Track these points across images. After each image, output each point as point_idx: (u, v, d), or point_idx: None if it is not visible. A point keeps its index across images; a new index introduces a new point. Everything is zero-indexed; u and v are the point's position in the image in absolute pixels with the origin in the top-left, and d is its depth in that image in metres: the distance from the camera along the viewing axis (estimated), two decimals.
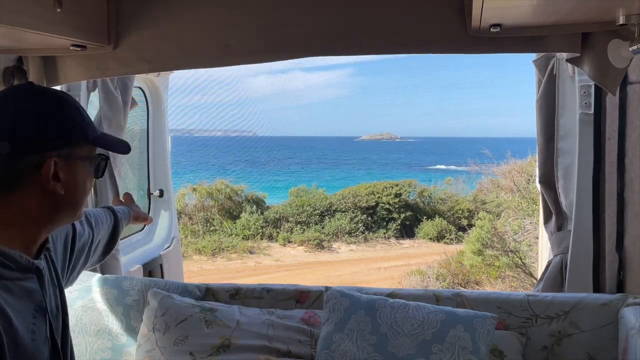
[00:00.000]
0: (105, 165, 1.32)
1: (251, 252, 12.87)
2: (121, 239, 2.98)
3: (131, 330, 2.24)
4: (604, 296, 2.16)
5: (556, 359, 2.12)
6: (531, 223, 7.54)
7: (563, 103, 2.43)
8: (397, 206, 14.54)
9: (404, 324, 1.99)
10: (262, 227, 13.99)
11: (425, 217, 14.34)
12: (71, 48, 1.92)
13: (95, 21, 1.93)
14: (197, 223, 13.89)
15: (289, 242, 13.65)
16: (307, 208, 14.55)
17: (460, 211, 14.23)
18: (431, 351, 1.93)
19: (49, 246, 1.26)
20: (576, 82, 2.32)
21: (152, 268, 3.33)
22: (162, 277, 3.38)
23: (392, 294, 2.23)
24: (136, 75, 2.94)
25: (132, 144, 3.48)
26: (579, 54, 1.86)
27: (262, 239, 13.79)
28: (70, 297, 2.22)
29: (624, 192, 2.23)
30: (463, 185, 15.97)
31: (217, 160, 41.88)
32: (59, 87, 2.27)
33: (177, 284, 2.37)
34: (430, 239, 13.78)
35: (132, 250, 3.27)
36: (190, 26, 1.99)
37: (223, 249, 12.71)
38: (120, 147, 1.33)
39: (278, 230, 14.13)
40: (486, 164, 11.08)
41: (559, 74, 2.41)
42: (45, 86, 2.11)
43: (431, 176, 23.36)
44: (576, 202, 2.36)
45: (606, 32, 1.76)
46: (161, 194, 3.62)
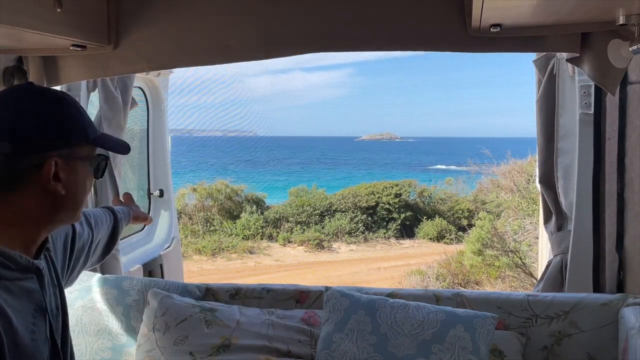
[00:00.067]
0: (105, 166, 1.32)
1: (251, 252, 12.87)
2: (121, 239, 2.98)
3: (131, 330, 2.24)
4: (604, 296, 2.16)
5: (556, 359, 2.12)
6: (531, 223, 7.55)
7: (563, 103, 2.43)
8: (397, 206, 14.54)
9: (404, 324, 1.99)
10: (262, 227, 13.99)
11: (425, 217, 14.34)
12: (71, 48, 1.92)
13: (95, 21, 1.94)
14: (197, 223, 13.89)
15: (289, 242, 13.65)
16: (307, 208, 14.55)
17: (460, 211, 14.22)
18: (431, 351, 1.93)
19: (48, 246, 1.26)
20: (576, 82, 2.32)
21: (152, 268, 3.33)
22: (162, 277, 3.38)
23: (392, 294, 2.23)
24: (136, 75, 2.94)
25: (132, 144, 3.48)
26: (579, 54, 1.87)
27: (262, 239, 13.79)
28: (70, 297, 2.22)
29: (624, 192, 2.23)
30: (463, 185, 15.97)
31: (217, 160, 41.88)
32: (59, 87, 2.27)
33: (177, 284, 2.37)
34: (430, 239, 13.78)
35: (132, 250, 3.27)
36: (190, 24, 1.99)
37: (223, 249, 12.71)
38: (120, 148, 1.33)
39: (278, 230, 14.13)
40: (486, 164, 11.08)
41: (559, 74, 2.41)
42: (46, 86, 2.12)
43: (431, 176, 23.36)
44: (576, 202, 2.36)
45: (606, 32, 1.77)
46: (161, 194, 3.62)
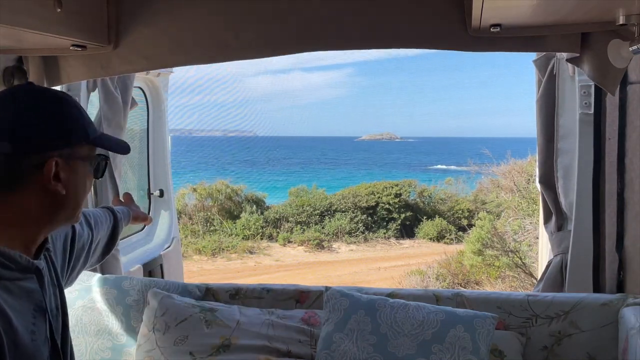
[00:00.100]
0: (105, 166, 1.32)
1: (251, 252, 12.87)
2: (121, 239, 2.98)
3: (131, 330, 2.24)
4: (604, 296, 2.16)
5: (556, 359, 2.12)
6: (531, 223, 7.55)
7: (563, 103, 2.43)
8: (397, 206, 14.54)
9: (404, 324, 1.99)
10: (262, 227, 13.99)
11: (425, 217, 14.34)
12: (71, 48, 1.92)
13: (95, 21, 1.94)
14: (197, 223, 13.90)
15: (289, 242, 13.65)
16: (307, 208, 14.55)
17: (460, 211, 14.22)
18: (431, 351, 1.93)
19: (48, 246, 1.26)
20: (576, 82, 2.32)
21: (152, 268, 3.34)
22: (162, 277, 3.38)
23: (392, 294, 2.23)
24: (136, 75, 2.94)
25: (132, 144, 3.48)
26: (579, 54, 1.87)
27: (262, 239, 13.79)
28: (70, 297, 2.22)
29: (624, 192, 2.23)
30: (463, 185, 15.97)
31: (217, 160, 41.88)
32: (59, 87, 2.27)
33: (177, 284, 2.37)
34: (430, 239, 13.78)
35: (132, 250, 3.27)
36: (189, 23, 2.00)
37: (223, 249, 12.71)
38: (120, 148, 1.33)
39: (278, 230, 14.13)
40: (486, 164, 11.08)
41: (559, 74, 2.41)
42: (46, 86, 2.12)
43: (431, 176, 23.37)
44: (576, 202, 2.36)
45: (606, 32, 1.77)
46: (161, 194, 3.62)
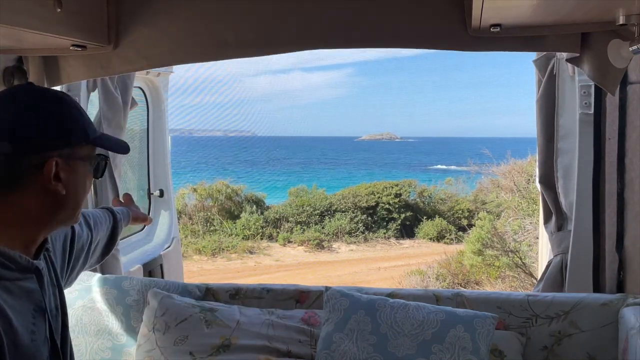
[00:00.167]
0: (105, 166, 1.32)
1: (251, 252, 12.87)
2: (121, 239, 2.99)
3: (131, 330, 2.24)
4: (604, 296, 2.16)
5: (556, 359, 2.12)
6: (531, 223, 7.55)
7: (563, 103, 2.43)
8: (397, 206, 14.54)
9: (404, 324, 1.99)
10: (262, 227, 13.99)
11: (425, 217, 14.34)
12: (71, 48, 1.92)
13: (95, 21, 1.94)
14: (197, 223, 13.89)
15: (289, 242, 13.65)
16: (307, 208, 14.55)
17: (460, 211, 14.22)
18: (431, 351, 1.93)
19: (48, 246, 1.26)
20: (576, 82, 2.32)
21: (152, 268, 3.34)
22: (162, 277, 3.38)
23: (392, 294, 2.23)
24: (136, 76, 2.94)
25: (132, 144, 3.48)
26: (579, 54, 1.87)
27: (262, 239, 13.79)
28: (70, 297, 2.22)
29: (624, 192, 2.23)
30: (463, 185, 15.97)
31: (217, 160, 41.87)
32: (59, 87, 2.27)
33: (177, 284, 2.37)
34: (430, 239, 13.78)
35: (132, 250, 3.27)
36: (189, 23, 2.00)
37: (223, 249, 12.71)
38: (119, 147, 1.33)
39: (278, 230, 14.13)
40: (486, 164, 11.08)
41: (559, 74, 2.41)
42: (46, 86, 2.12)
43: (431, 176, 23.37)
44: (576, 202, 2.36)
45: (606, 32, 1.77)
46: (161, 194, 3.63)
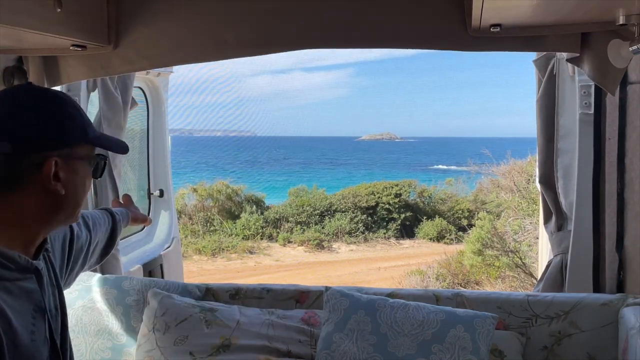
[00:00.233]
0: (104, 165, 1.32)
1: (251, 252, 12.87)
2: (121, 239, 2.99)
3: (131, 330, 2.24)
4: (604, 296, 2.16)
5: (556, 359, 2.12)
6: (531, 223, 7.54)
7: (563, 103, 2.43)
8: (397, 206, 14.53)
9: (404, 324, 1.99)
10: (262, 227, 13.98)
11: (425, 217, 14.33)
12: (71, 48, 1.92)
13: (95, 21, 1.94)
14: (197, 223, 13.89)
15: (289, 242, 13.64)
16: (307, 208, 14.55)
17: (460, 211, 14.22)
18: (431, 351, 1.93)
19: (47, 247, 1.26)
20: (576, 82, 2.32)
21: (152, 268, 3.33)
22: (162, 277, 3.38)
23: (392, 294, 2.23)
24: (136, 76, 2.94)
25: (132, 144, 3.48)
26: (579, 54, 1.86)
27: (262, 239, 13.78)
28: (70, 297, 2.22)
29: (624, 192, 2.23)
30: (463, 185, 15.97)
31: (217, 160, 41.89)
32: (59, 87, 2.27)
33: (177, 284, 2.37)
34: (430, 239, 13.78)
35: (132, 250, 3.27)
36: (189, 22, 2.00)
37: (223, 249, 12.71)
38: (119, 147, 1.33)
39: (278, 230, 14.13)
40: (486, 164, 11.08)
41: (559, 74, 2.41)
42: (46, 86, 2.12)
43: (431, 176, 23.37)
44: (576, 202, 2.36)
45: (606, 32, 1.76)
46: (161, 194, 3.62)
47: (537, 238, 3.99)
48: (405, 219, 14.46)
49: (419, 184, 15.79)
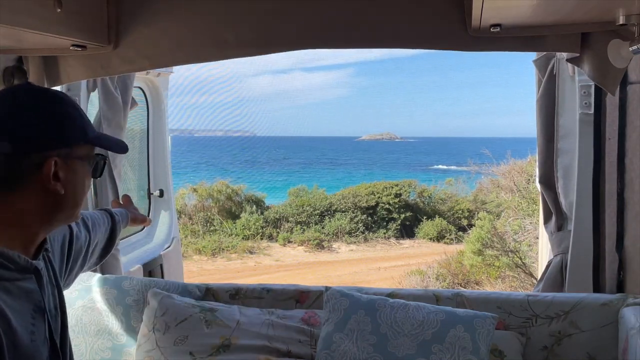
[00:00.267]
0: (103, 165, 1.32)
1: (251, 252, 12.87)
2: (121, 239, 2.99)
3: (131, 330, 2.24)
4: (604, 296, 2.16)
5: (556, 359, 2.12)
6: (531, 223, 7.54)
7: (563, 103, 2.43)
8: (397, 206, 14.54)
9: (404, 324, 1.99)
10: (262, 227, 13.98)
11: (425, 217, 14.34)
12: (71, 48, 1.92)
13: (95, 21, 1.94)
14: (197, 223, 13.89)
15: (289, 242, 13.64)
16: (307, 208, 14.55)
17: (460, 211, 14.22)
18: (431, 351, 1.93)
19: (47, 247, 1.26)
20: (576, 82, 2.32)
21: (152, 268, 3.33)
22: (162, 277, 3.38)
23: (392, 294, 2.23)
24: (136, 76, 2.94)
25: (132, 144, 3.48)
26: (579, 54, 1.87)
27: (262, 239, 13.78)
28: (70, 297, 2.22)
29: (624, 192, 2.23)
30: (463, 185, 15.97)
31: (217, 160, 41.89)
32: (59, 87, 2.27)
33: (177, 284, 2.37)
34: (430, 239, 13.78)
35: (132, 250, 3.27)
36: (189, 22, 2.00)
37: (223, 249, 12.71)
38: (118, 147, 1.33)
39: (278, 230, 14.13)
40: (486, 164, 11.08)
41: (559, 74, 2.41)
42: (46, 86, 2.12)
43: (431, 176, 23.36)
44: (576, 202, 2.36)
45: (606, 32, 1.77)
46: (161, 194, 3.62)
47: (537, 238, 3.99)
48: (405, 219, 14.46)
49: (419, 184, 15.79)
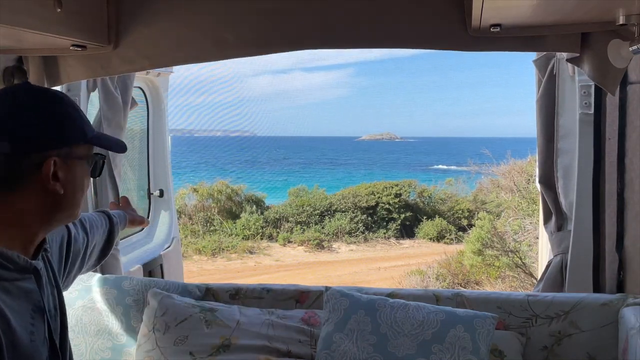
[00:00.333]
0: (102, 165, 1.33)
1: (251, 252, 12.87)
2: (121, 239, 2.99)
3: (131, 330, 2.24)
4: (604, 296, 2.16)
5: (556, 359, 2.12)
6: (531, 223, 7.54)
7: (563, 103, 2.43)
8: (397, 206, 14.54)
9: (404, 324, 1.99)
10: (262, 227, 13.98)
11: (425, 217, 14.34)
12: (71, 48, 1.92)
13: (95, 21, 1.94)
14: (197, 223, 13.89)
15: (289, 242, 13.64)
16: (307, 208, 14.55)
17: (460, 211, 14.22)
18: (431, 351, 1.93)
19: (46, 247, 1.26)
20: (576, 82, 2.32)
21: (152, 268, 3.33)
22: (162, 277, 3.38)
23: (392, 294, 2.23)
24: (136, 76, 2.94)
25: (132, 144, 3.48)
26: (579, 54, 1.87)
27: (262, 239, 13.78)
28: (70, 297, 2.22)
29: (624, 192, 2.23)
30: (463, 185, 15.97)
31: (217, 160, 41.89)
32: (59, 87, 2.27)
33: (177, 284, 2.37)
34: (430, 239, 13.78)
35: (132, 250, 3.27)
36: (189, 22, 2.00)
37: (223, 249, 12.71)
38: (117, 146, 1.33)
39: (278, 230, 14.13)
40: (486, 164, 11.08)
41: (559, 74, 2.41)
42: (46, 86, 2.12)
43: (431, 176, 23.37)
44: (576, 202, 2.36)
45: (606, 32, 1.77)
46: (161, 194, 3.62)
47: (537, 238, 3.99)
48: (405, 219, 14.46)
49: (419, 184, 15.79)
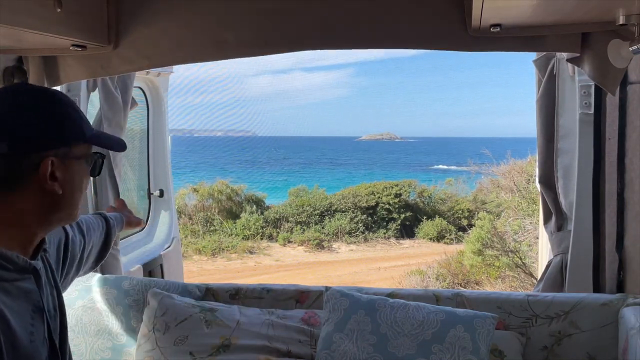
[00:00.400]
0: (101, 164, 1.32)
1: (251, 252, 12.87)
2: (121, 239, 2.99)
3: (131, 330, 2.24)
4: (604, 296, 2.16)
5: (556, 359, 2.12)
6: (531, 223, 7.54)
7: (563, 103, 2.43)
8: (397, 206, 14.54)
9: (404, 324, 1.99)
10: (262, 227, 13.98)
11: (425, 217, 14.34)
12: (71, 48, 1.92)
13: (95, 21, 1.94)
14: (197, 223, 13.89)
15: (289, 242, 13.64)
16: (307, 208, 14.55)
17: (460, 211, 14.22)
18: (431, 351, 1.93)
19: (45, 247, 1.26)
20: (576, 82, 2.32)
21: (152, 268, 3.33)
22: (162, 277, 3.38)
23: (392, 294, 2.23)
24: (136, 75, 2.94)
25: (132, 144, 3.48)
26: (579, 54, 1.87)
27: (262, 239, 13.78)
28: (70, 297, 2.22)
29: (624, 192, 2.23)
30: (463, 185, 15.97)
31: (217, 160, 41.89)
32: (59, 87, 2.27)
33: (177, 284, 2.37)
34: (430, 239, 13.78)
35: (132, 250, 3.27)
36: (189, 22, 2.01)
37: (223, 249, 12.71)
38: (116, 145, 1.33)
39: (278, 230, 14.13)
40: (486, 164, 11.08)
41: (559, 74, 2.41)
42: (46, 86, 2.12)
43: (431, 176, 23.37)
44: (576, 202, 2.36)
45: (606, 32, 1.77)
46: (161, 194, 3.63)
47: (537, 238, 3.99)
48: (405, 219, 14.46)
49: (419, 184, 15.79)
